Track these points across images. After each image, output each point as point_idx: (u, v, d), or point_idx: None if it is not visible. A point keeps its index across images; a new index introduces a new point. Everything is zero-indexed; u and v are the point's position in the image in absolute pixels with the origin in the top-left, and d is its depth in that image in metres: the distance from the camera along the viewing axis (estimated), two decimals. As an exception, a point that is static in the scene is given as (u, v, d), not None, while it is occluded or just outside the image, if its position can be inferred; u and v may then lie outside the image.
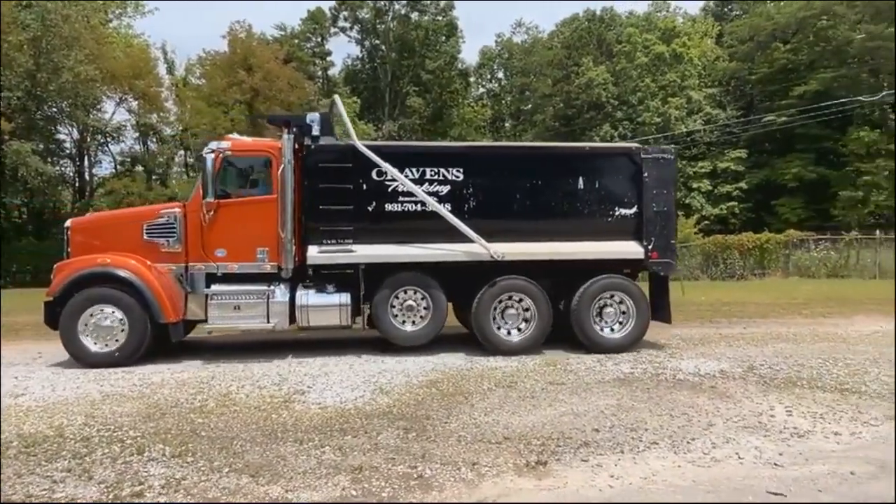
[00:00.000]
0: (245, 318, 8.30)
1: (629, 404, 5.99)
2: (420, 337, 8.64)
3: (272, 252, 8.35)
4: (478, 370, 7.57)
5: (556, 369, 7.58)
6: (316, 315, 8.40)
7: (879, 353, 8.56)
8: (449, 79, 47.60)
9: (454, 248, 8.53)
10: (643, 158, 8.96)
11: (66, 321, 7.86)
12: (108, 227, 8.83)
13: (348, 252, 8.37)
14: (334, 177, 8.43)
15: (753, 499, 3.89)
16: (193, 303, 8.32)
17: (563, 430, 5.19)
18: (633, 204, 8.94)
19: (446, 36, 48.79)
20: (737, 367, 7.62)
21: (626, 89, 45.61)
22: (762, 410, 5.77)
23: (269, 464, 4.49)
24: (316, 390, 6.64)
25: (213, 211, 8.20)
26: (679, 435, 5.08)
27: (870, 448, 4.78)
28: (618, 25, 50.78)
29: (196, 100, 29.00)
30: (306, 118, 8.58)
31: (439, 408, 5.91)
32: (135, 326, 7.94)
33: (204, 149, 8.50)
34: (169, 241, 8.26)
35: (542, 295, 8.69)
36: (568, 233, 8.84)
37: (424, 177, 8.58)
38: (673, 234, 9.25)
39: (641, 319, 8.86)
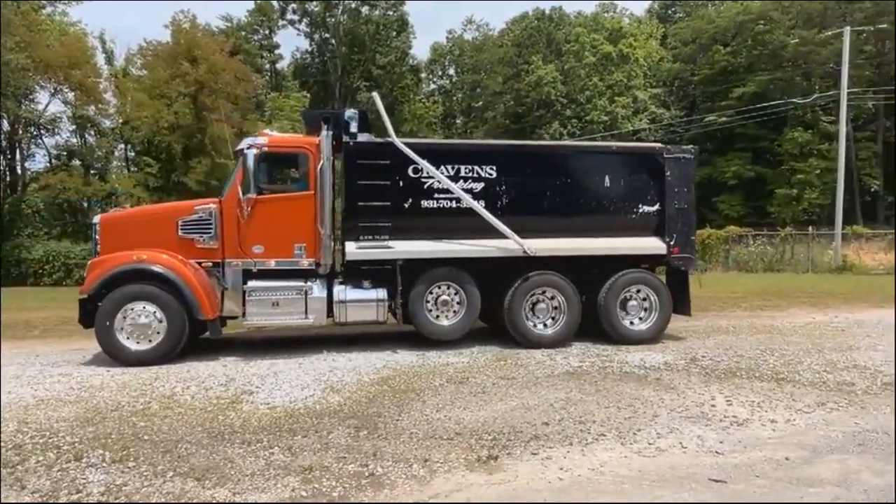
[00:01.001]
0: (283, 315, 8.26)
1: (578, 397, 6.10)
2: (455, 331, 8.73)
3: (309, 248, 8.34)
4: (430, 366, 7.57)
5: (507, 364, 7.65)
6: (354, 310, 8.42)
7: (812, 343, 8.99)
8: (400, 74, 47.42)
9: (488, 244, 8.68)
10: (666, 158, 9.27)
11: (103, 319, 7.70)
12: (140, 223, 8.69)
13: (386, 248, 8.41)
14: (373, 174, 8.43)
15: (696, 486, 4.02)
16: (230, 299, 8.26)
17: (514, 425, 5.25)
18: (656, 201, 9.23)
19: (397, 31, 48.56)
20: (680, 360, 7.86)
21: (575, 88, 46.43)
22: (704, 400, 5.97)
23: (215, 466, 4.38)
24: (264, 390, 6.51)
25: (250, 207, 8.11)
26: (626, 426, 5.21)
27: (803, 434, 5.02)
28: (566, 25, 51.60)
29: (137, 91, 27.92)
30: (345, 115, 8.56)
31: (391, 405, 5.88)
32: (173, 323, 7.83)
33: (241, 144, 8.44)
34: (205, 237, 8.16)
35: (572, 289, 8.90)
36: (594, 229, 9.04)
37: (459, 174, 8.68)
38: (692, 231, 9.60)
39: (664, 312, 9.18)
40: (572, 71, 47.13)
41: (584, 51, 46.65)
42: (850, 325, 10.79)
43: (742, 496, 3.87)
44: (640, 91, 45.76)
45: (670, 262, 9.36)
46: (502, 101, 50.20)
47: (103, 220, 8.53)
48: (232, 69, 28.94)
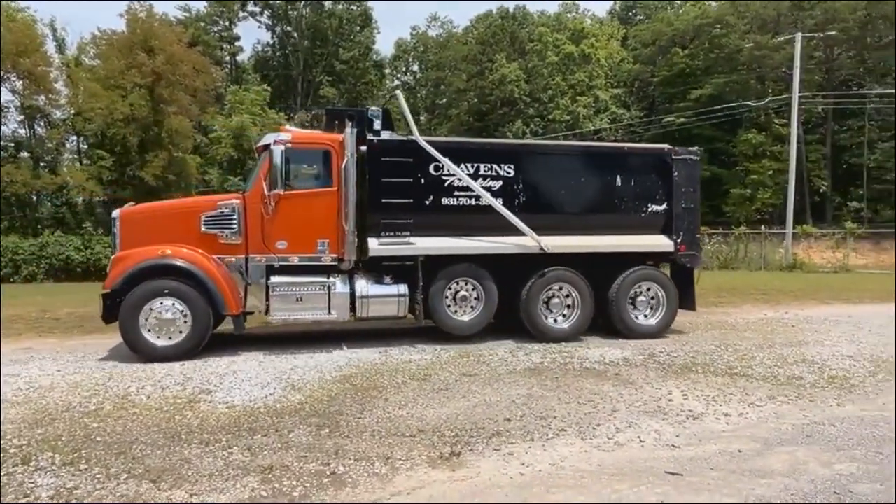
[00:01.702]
0: (307, 310, 8.31)
1: (539, 393, 6.17)
2: (474, 326, 8.90)
3: (332, 244, 8.40)
4: (392, 364, 7.55)
5: (470, 361, 7.68)
6: (376, 306, 8.54)
7: (764, 339, 9.28)
8: (363, 70, 47.10)
9: (506, 241, 8.86)
10: (674, 159, 9.60)
11: (127, 314, 7.64)
12: (161, 217, 8.61)
13: (407, 244, 8.53)
14: (396, 171, 8.53)
15: (654, 479, 4.11)
16: (252, 295, 8.26)
17: (476, 421, 5.27)
18: (664, 200, 9.53)
19: (361, 26, 48.20)
20: (638, 355, 8.02)
21: (538, 87, 46.86)
22: (661, 395, 6.11)
23: (171, 468, 4.28)
24: (223, 389, 6.39)
25: (275, 202, 8.10)
26: (586, 421, 5.29)
27: (755, 427, 5.18)
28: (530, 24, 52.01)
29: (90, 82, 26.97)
30: (368, 112, 8.66)
31: (353, 403, 5.84)
32: (198, 319, 7.81)
33: (265, 139, 8.49)
34: (228, 233, 8.14)
35: (586, 285, 9.16)
36: (606, 227, 9.31)
37: (479, 172, 8.84)
38: (698, 229, 9.97)
39: (671, 307, 9.54)
40: (535, 70, 47.57)
41: (546, 50, 47.11)
42: (799, 321, 11.18)
43: (697, 488, 3.97)
44: (602, 91, 46.46)
45: (677, 260, 9.71)
46: (466, 99, 50.33)
47: (123, 214, 8.42)
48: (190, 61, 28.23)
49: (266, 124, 31.89)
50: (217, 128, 30.84)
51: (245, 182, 8.92)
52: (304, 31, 46.90)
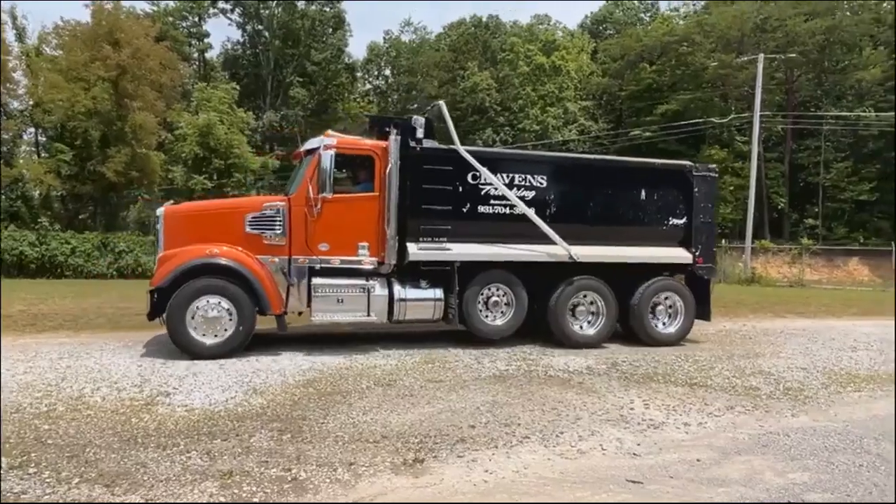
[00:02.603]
0: (347, 311, 8.47)
1: (504, 400, 6.19)
2: (505, 331, 9.16)
3: (373, 247, 8.60)
4: (357, 369, 7.49)
5: (435, 367, 7.67)
6: (413, 309, 8.75)
7: (723, 350, 9.50)
8: (335, 72, 46.79)
9: (537, 249, 9.15)
10: (694, 175, 10.02)
11: (175, 312, 7.73)
12: (206, 217, 8.72)
13: (445, 250, 8.76)
14: (437, 178, 8.78)
15: (615, 487, 4.15)
16: (294, 295, 8.37)
17: (441, 428, 5.26)
18: (684, 215, 9.94)
19: (333, 28, 47.92)
20: (602, 364, 8.12)
21: (509, 96, 47.28)
22: (623, 404, 6.19)
23: (126, 472, 4.15)
24: (182, 392, 6.24)
25: (320, 206, 8.25)
26: (549, 429, 5.32)
27: (714, 436, 5.28)
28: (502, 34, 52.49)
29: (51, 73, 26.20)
30: (412, 121, 8.88)
31: (316, 408, 5.77)
32: (244, 317, 7.94)
33: (311, 143, 8.73)
34: (272, 234, 8.25)
35: (611, 293, 9.48)
36: (630, 238, 9.66)
37: (513, 182, 9.12)
38: (714, 243, 10.41)
39: (689, 317, 9.92)
40: (507, 79, 48.00)
41: (518, 60, 47.59)
42: (756, 333, 11.48)
43: (657, 496, 4.02)
44: (571, 103, 47.10)
45: (695, 271, 10.05)
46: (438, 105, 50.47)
47: (168, 212, 8.47)
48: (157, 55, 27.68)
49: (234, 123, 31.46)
50: (183, 125, 30.24)
51: (286, 185, 9.27)
52: (275, 31, 46.38)
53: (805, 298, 19.49)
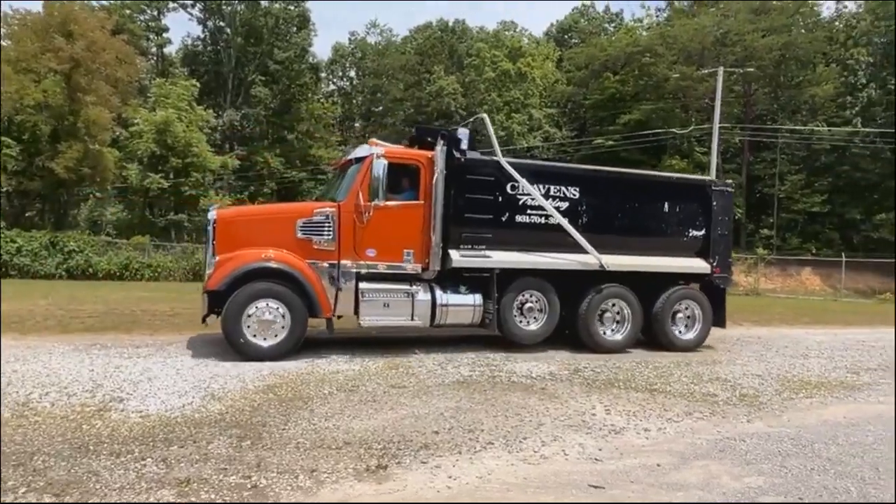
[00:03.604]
0: (393, 316, 8.73)
1: (467, 406, 6.22)
2: (539, 335, 9.55)
3: (417, 254, 8.91)
4: (318, 374, 7.42)
5: (399, 372, 7.66)
6: (454, 314, 9.08)
7: (681, 357, 9.73)
8: (298, 71, 46.27)
9: (570, 258, 9.57)
10: (713, 190, 10.65)
11: (231, 314, 7.93)
12: (258, 221, 8.94)
13: (485, 257, 9.13)
14: (479, 188, 9.16)
15: (577, 492, 4.22)
16: (341, 299, 8.57)
17: (404, 433, 5.26)
18: (703, 227, 10.48)
19: (297, 27, 47.44)
20: (564, 370, 8.24)
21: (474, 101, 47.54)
22: (585, 410, 6.29)
23: (77, 480, 4.03)
24: (137, 397, 6.09)
25: (370, 213, 8.53)
26: (512, 434, 5.38)
27: (673, 441, 5.42)
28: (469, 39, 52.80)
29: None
30: (457, 132, 9.27)
31: (277, 414, 5.70)
32: (296, 321, 8.17)
33: (359, 152, 9.06)
34: (322, 239, 8.47)
35: (636, 301, 9.94)
36: (653, 248, 10.19)
37: (549, 193, 9.54)
38: (730, 254, 10.97)
39: (707, 324, 10.49)
40: (472, 84, 48.30)
41: (484, 66, 47.96)
42: (714, 341, 11.76)
43: (619, 501, 4.11)
44: (536, 110, 47.69)
45: (712, 280, 10.56)
46: (403, 108, 50.43)
47: (221, 216, 8.63)
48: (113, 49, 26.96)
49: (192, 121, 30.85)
50: (139, 121, 29.50)
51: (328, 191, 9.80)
52: (237, 28, 45.65)
53: (760, 307, 20.13)
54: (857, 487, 4.45)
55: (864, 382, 8.32)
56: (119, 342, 9.15)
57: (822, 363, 9.72)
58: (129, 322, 11.33)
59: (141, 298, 15.76)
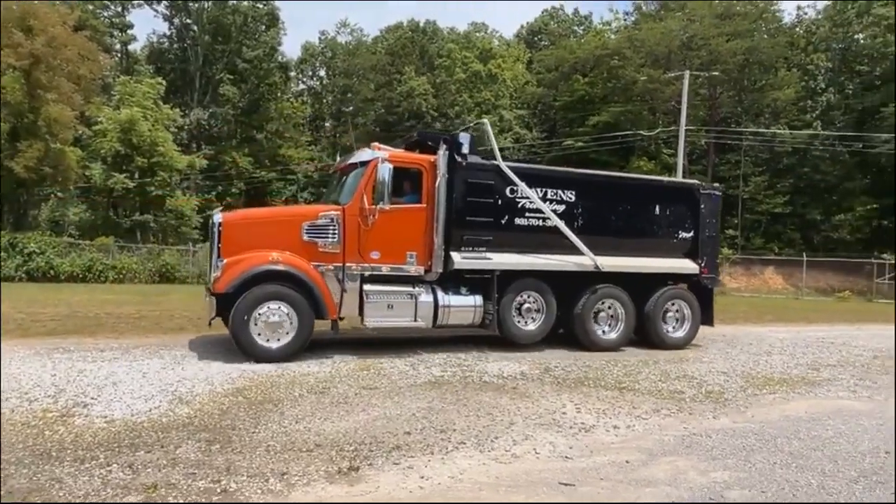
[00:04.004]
0: (397, 317, 8.88)
1: (439, 406, 6.23)
2: (537, 335, 9.78)
3: (419, 256, 9.07)
4: (289, 376, 7.35)
5: (370, 374, 7.63)
6: (455, 315, 9.25)
7: (649, 355, 9.90)
8: (268, 70, 45.78)
9: (566, 259, 9.81)
10: (701, 193, 11.01)
11: (240, 317, 8.01)
12: (264, 224, 8.94)
13: (486, 259, 9.33)
14: (480, 192, 9.34)
15: (548, 490, 4.26)
16: (346, 301, 8.68)
17: (376, 435, 5.25)
18: (692, 229, 10.82)
19: (266, 25, 46.93)
20: (535, 370, 8.31)
21: (445, 102, 47.61)
22: (556, 408, 6.35)
23: (39, 488, 3.92)
24: (102, 402, 5.95)
25: (374, 216, 8.65)
26: (484, 434, 5.40)
27: (641, 438, 5.51)
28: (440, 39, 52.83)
29: (-47, 59, 24.44)
30: (459, 137, 9.38)
31: (246, 417, 5.63)
32: (303, 322, 8.27)
33: (363, 156, 9.08)
34: (327, 242, 8.57)
35: (629, 301, 10.23)
36: (644, 250, 10.48)
37: (546, 196, 9.76)
38: (717, 255, 11.40)
39: (696, 322, 10.87)
40: (443, 85, 48.34)
41: (455, 67, 48.07)
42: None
43: (589, 498, 4.16)
44: (506, 111, 47.98)
45: (700, 281, 10.92)
46: (373, 109, 50.23)
47: (226, 219, 8.64)
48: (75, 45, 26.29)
49: (158, 119, 30.27)
50: (103, 120, 28.82)
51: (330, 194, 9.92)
52: (205, 26, 44.94)
53: (725, 306, 20.53)
54: (818, 480, 4.58)
55: (825, 378, 8.56)
56: (82, 346, 8.93)
57: (785, 360, 9.98)
58: (93, 325, 11.08)
59: (105, 301, 15.43)
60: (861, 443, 5.55)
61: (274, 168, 44.12)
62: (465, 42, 52.64)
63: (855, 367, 9.56)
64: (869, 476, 4.70)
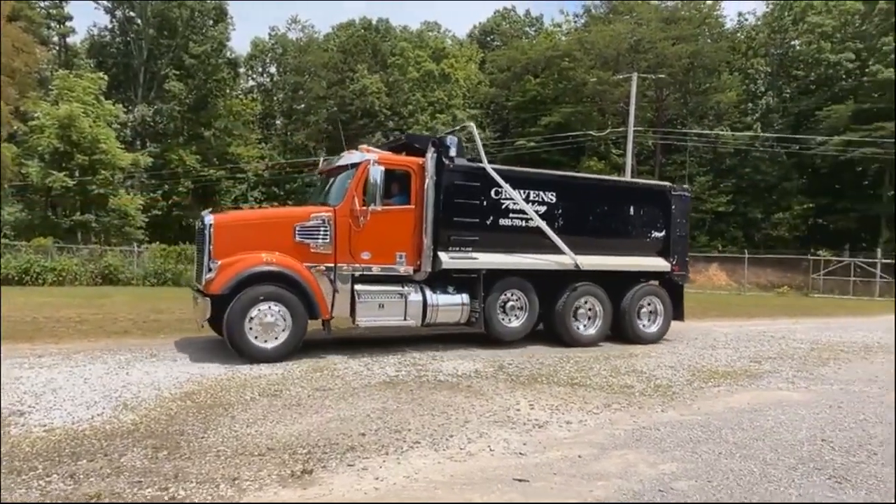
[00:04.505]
0: (387, 316, 9.06)
1: (394, 406, 6.21)
2: (521, 332, 10.18)
3: (409, 256, 9.30)
4: (239, 379, 7.20)
5: (324, 375, 7.54)
6: (444, 313, 9.49)
7: (600, 351, 10.11)
8: (215, 66, 44.58)
9: (548, 258, 10.21)
10: (673, 194, 11.60)
11: (235, 317, 8.07)
12: (256, 226, 9.02)
13: (472, 259, 9.61)
14: (466, 193, 9.64)
15: (502, 486, 4.30)
16: (338, 301, 8.82)
17: (330, 437, 5.19)
18: (663, 229, 11.39)
19: (214, 20, 45.72)
20: (489, 367, 8.37)
21: (398, 101, 47.46)
22: (510, 405, 6.42)
23: (-28, 502, 3.73)
24: (40, 410, 5.70)
25: (365, 217, 8.82)
26: (439, 433, 5.41)
27: (593, 433, 5.61)
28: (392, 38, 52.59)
29: None
30: (446, 140, 9.61)
31: (195, 422, 5.49)
32: (297, 323, 8.39)
33: (352, 158, 9.30)
34: (319, 243, 8.70)
35: (607, 298, 10.74)
36: (620, 249, 10.97)
37: (529, 198, 10.11)
38: (687, 253, 11.99)
39: (668, 318, 11.45)
40: (396, 84, 48.17)
41: (408, 65, 47.95)
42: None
43: (543, 493, 4.22)
44: (460, 111, 48.10)
45: (671, 278, 11.53)
46: (325, 107, 49.61)
47: (218, 221, 8.66)
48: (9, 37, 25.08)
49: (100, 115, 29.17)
50: (40, 115, 27.57)
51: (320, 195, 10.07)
52: (149, 19, 43.47)
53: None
54: (760, 468, 4.76)
55: (766, 370, 8.91)
56: (19, 352, 8.53)
57: (729, 353, 10.34)
58: (31, 330, 10.61)
59: (43, 304, 14.79)
60: (799, 431, 5.80)
61: (222, 166, 43.06)
62: (417, 41, 52.55)
63: (793, 359, 9.98)
64: (807, 462, 4.91)
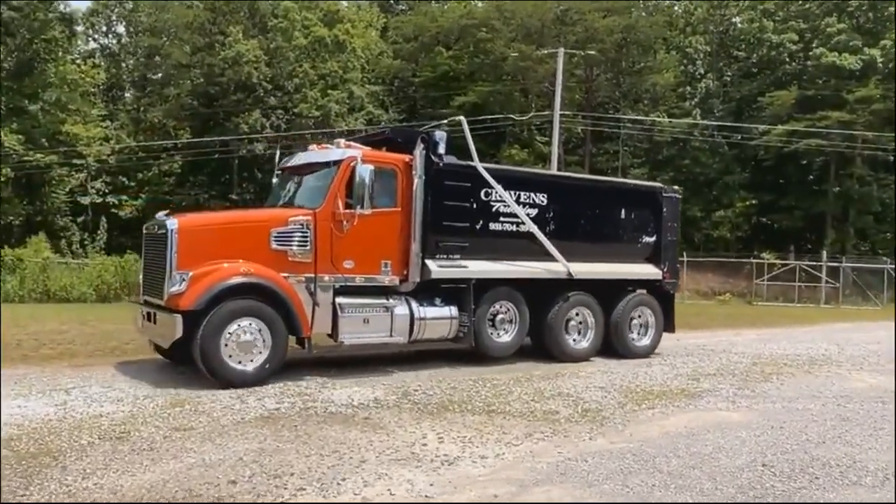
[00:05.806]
0: (373, 332, 9.36)
1: (274, 446, 6.10)
2: (512, 347, 10.74)
3: (394, 265, 9.61)
4: (73, 420, 6.82)
5: (185, 411, 7.29)
6: (432, 327, 9.89)
7: (522, 372, 10.35)
8: (44, 21, 41.97)
9: (539, 266, 10.74)
10: (664, 196, 12.35)
11: (209, 336, 8.11)
12: (227, 231, 9.13)
13: (461, 267, 10.00)
14: (456, 195, 9.99)
15: (404, 537, 4.31)
16: (318, 315, 8.99)
17: (191, 487, 5.02)
18: (654, 233, 12.14)
19: (43, -37, 43.09)
20: (391, 395, 8.39)
21: (282, 73, 46.55)
22: (415, 440, 6.46)
23: None
24: None
25: (349, 222, 9.07)
26: (329, 476, 5.36)
27: (512, 468, 5.75)
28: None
29: None
30: (434, 136, 9.90)
31: (13, 475, 5.14)
32: (278, 341, 8.58)
33: (335, 155, 9.53)
34: (298, 250, 8.89)
35: (600, 309, 11.38)
36: (610, 255, 11.64)
37: (520, 199, 10.58)
38: (677, 259, 12.82)
39: (659, 330, 12.29)
40: (279, 52, 47.20)
41: (293, 30, 47.14)
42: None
43: (451, 542, 4.27)
44: (357, 86, 47.83)
45: (662, 286, 12.29)
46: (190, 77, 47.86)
47: (183, 225, 8.68)
48: None
49: None
50: None
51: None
52: (-48, -42, 40.40)
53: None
54: (696, 501, 5.04)
55: (705, 389, 9.45)
56: None
57: (665, 370, 10.90)
58: None
59: None
60: (739, 456, 6.19)
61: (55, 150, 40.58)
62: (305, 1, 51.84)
63: (734, 375, 10.65)
64: (746, 491, 5.26)
